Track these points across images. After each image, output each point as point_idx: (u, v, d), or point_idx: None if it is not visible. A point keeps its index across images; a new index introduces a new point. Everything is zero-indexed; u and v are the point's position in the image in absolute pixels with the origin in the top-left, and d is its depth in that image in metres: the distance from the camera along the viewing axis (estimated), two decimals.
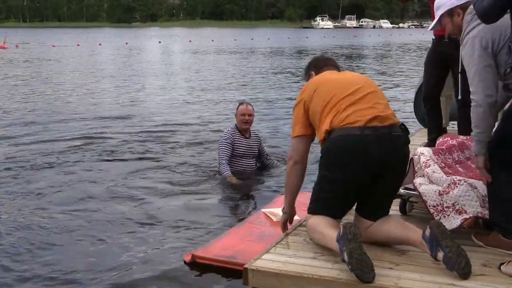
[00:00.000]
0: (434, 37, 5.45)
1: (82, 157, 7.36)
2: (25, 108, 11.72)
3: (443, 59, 5.36)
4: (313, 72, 3.71)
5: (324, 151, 3.29)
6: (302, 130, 3.47)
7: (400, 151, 3.25)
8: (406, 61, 26.49)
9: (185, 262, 4.04)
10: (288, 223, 3.72)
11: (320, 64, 3.74)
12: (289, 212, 3.67)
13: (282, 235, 3.61)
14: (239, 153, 6.29)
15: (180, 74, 19.54)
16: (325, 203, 3.32)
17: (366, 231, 3.28)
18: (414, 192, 3.75)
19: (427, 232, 2.99)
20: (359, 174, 3.19)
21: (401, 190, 3.89)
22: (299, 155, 3.50)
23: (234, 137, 6.26)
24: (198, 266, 3.99)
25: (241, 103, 6.45)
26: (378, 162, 3.16)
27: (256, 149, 6.50)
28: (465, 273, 2.87)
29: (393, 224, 3.28)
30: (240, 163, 6.31)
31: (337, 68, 3.73)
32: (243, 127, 6.28)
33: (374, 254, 3.13)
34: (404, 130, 3.30)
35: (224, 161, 6.17)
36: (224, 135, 6.31)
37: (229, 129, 6.40)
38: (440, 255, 2.92)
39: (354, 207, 3.43)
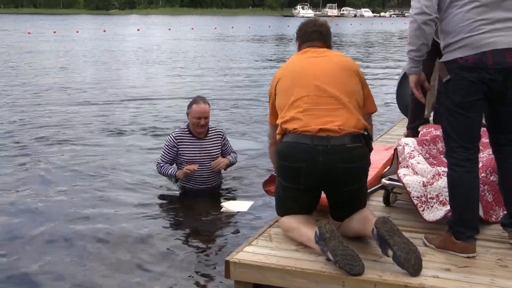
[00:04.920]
0: None
1: (62, 145, 7.28)
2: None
3: (432, 47, 5.34)
4: (298, 43, 3.64)
5: (278, 153, 3.30)
6: (274, 120, 3.50)
7: (351, 163, 3.14)
8: (388, 50, 26.57)
9: None
10: None
11: (303, 37, 3.58)
12: None
13: (264, 227, 3.59)
14: (189, 158, 5.20)
15: (158, 62, 19.36)
16: (287, 206, 3.34)
17: (338, 228, 3.25)
18: (398, 183, 3.75)
19: (374, 230, 2.95)
20: (309, 183, 3.19)
21: (385, 181, 3.89)
22: (274, 138, 3.54)
23: (181, 140, 5.21)
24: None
25: (194, 101, 5.19)
26: (328, 173, 3.12)
27: (215, 150, 5.31)
28: (416, 269, 2.82)
29: (355, 220, 3.26)
30: (194, 173, 5.18)
31: (322, 42, 3.54)
32: (198, 130, 5.19)
33: (356, 247, 3.11)
34: (365, 138, 3.22)
35: (162, 163, 5.24)
36: (167, 140, 5.28)
37: (177, 131, 5.33)
38: (390, 253, 2.88)
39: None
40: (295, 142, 3.17)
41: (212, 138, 5.33)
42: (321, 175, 3.13)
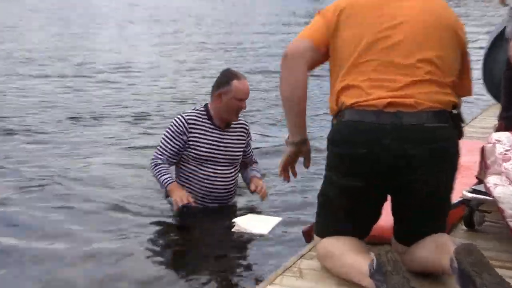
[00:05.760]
0: None
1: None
2: None
3: None
4: None
5: (329, 137, 3.22)
6: (314, 35, 3.29)
7: (434, 143, 3.08)
8: (465, 13, 26.53)
9: None
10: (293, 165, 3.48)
11: None
12: (297, 141, 3.42)
13: (293, 258, 3.54)
14: (202, 154, 4.97)
15: (147, 22, 19.59)
16: (335, 218, 3.29)
17: (401, 257, 3.17)
18: (487, 197, 3.69)
19: (454, 262, 2.89)
20: (371, 176, 3.12)
21: (467, 194, 3.84)
22: (299, 51, 3.32)
23: (195, 126, 4.96)
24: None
25: (233, 76, 4.98)
26: (397, 160, 3.05)
27: (238, 149, 5.15)
28: None
29: (427, 245, 3.21)
30: (204, 176, 5.01)
31: None
32: (234, 118, 5.04)
33: (420, 285, 3.11)
34: (453, 117, 3.16)
35: (159, 160, 4.98)
36: (173, 124, 4.98)
37: (189, 112, 5.07)
38: None
39: None
40: (352, 121, 3.10)
41: (235, 132, 5.13)
42: (388, 163, 3.06)
